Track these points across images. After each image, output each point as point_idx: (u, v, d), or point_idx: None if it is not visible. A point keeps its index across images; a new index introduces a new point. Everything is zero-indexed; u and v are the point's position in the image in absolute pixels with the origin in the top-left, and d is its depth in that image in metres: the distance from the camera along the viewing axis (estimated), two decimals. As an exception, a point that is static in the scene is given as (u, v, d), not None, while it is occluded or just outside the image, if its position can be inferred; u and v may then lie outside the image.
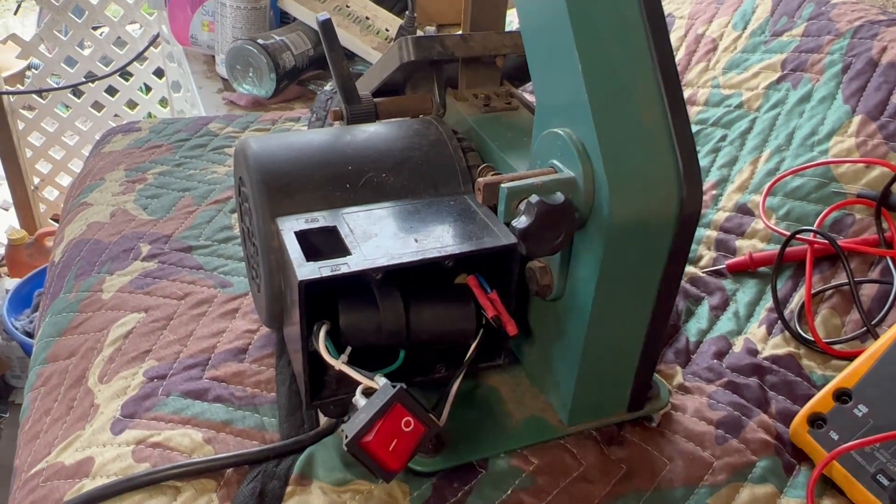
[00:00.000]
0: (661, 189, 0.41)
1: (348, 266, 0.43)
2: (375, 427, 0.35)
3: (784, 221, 0.69)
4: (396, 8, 1.27)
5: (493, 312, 0.45)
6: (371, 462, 0.36)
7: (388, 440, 0.36)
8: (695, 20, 0.94)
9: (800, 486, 0.48)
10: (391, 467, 0.36)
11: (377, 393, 0.37)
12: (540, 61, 0.45)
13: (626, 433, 0.51)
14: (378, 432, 0.35)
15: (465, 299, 0.47)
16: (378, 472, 0.36)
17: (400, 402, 0.36)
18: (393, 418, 0.36)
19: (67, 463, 0.50)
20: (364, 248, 0.44)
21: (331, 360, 0.43)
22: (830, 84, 0.77)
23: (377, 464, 0.36)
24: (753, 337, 0.60)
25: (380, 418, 0.35)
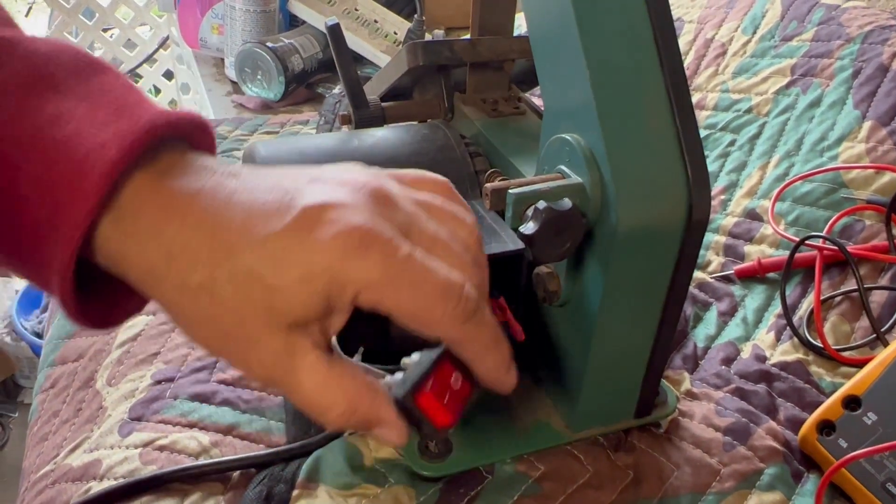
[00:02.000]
0: (669, 194, 0.41)
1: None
2: (428, 382, 0.35)
3: (793, 227, 0.69)
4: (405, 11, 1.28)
5: (500, 318, 0.45)
6: (424, 418, 0.35)
7: (440, 395, 0.35)
8: (704, 24, 0.94)
9: (808, 494, 0.48)
10: (445, 422, 0.35)
11: (423, 354, 0.37)
12: (548, 66, 0.45)
13: (633, 439, 0.51)
14: (432, 386, 0.35)
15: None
16: (429, 428, 0.35)
17: (449, 358, 0.35)
18: (443, 374, 0.35)
19: (75, 465, 0.50)
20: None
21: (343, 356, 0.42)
22: (840, 89, 0.76)
23: (429, 419, 0.35)
24: (762, 343, 0.60)
25: (431, 374, 0.35)
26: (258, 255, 0.28)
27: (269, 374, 0.30)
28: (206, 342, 0.30)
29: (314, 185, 0.30)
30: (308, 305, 0.29)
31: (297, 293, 0.28)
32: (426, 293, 0.30)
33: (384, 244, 0.29)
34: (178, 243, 0.29)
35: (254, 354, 0.29)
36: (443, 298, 0.30)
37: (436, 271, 0.30)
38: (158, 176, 0.29)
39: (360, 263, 0.28)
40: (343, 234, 0.28)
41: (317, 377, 0.30)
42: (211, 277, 0.29)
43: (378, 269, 0.29)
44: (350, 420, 0.31)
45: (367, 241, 0.29)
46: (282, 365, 0.30)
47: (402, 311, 0.30)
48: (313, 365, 0.30)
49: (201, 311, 0.29)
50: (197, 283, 0.29)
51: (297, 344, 0.30)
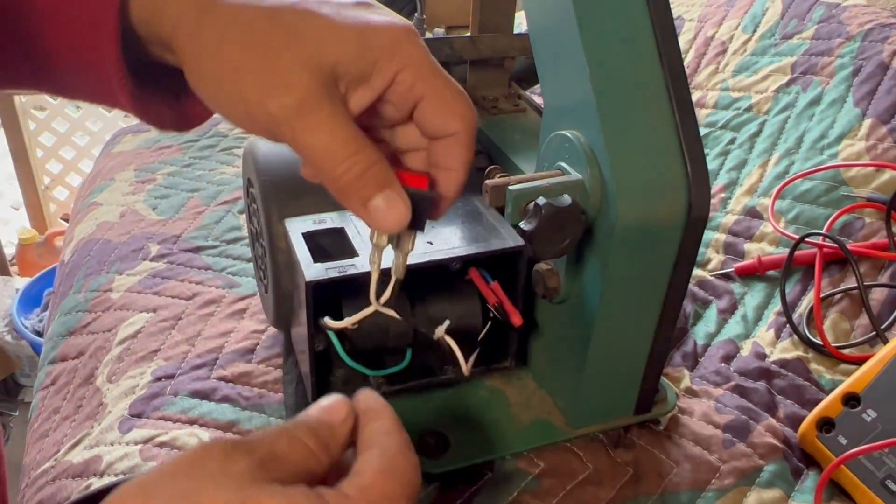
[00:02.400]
0: (668, 192, 0.41)
1: (355, 267, 0.43)
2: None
3: (793, 225, 0.69)
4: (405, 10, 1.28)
5: (494, 300, 0.45)
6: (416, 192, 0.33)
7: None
8: (704, 23, 0.94)
9: (808, 491, 0.48)
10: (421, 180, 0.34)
11: None
12: (548, 64, 0.45)
13: (632, 436, 0.51)
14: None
15: (470, 295, 0.47)
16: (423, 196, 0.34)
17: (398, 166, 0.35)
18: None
19: (75, 461, 0.50)
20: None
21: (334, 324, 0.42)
22: (840, 87, 0.76)
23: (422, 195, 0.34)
24: (762, 341, 0.60)
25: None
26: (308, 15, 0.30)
27: (291, 121, 0.30)
28: (226, 95, 0.31)
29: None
30: (354, 61, 0.31)
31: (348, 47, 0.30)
32: (457, 90, 0.33)
33: (426, 47, 0.32)
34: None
35: (277, 100, 0.30)
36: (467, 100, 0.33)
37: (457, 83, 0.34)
38: None
39: (410, 47, 0.32)
40: (400, 24, 0.32)
41: (343, 129, 0.31)
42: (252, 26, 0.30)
43: (423, 57, 0.32)
44: (355, 170, 0.31)
45: (416, 39, 0.32)
46: (307, 113, 0.30)
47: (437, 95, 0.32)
48: (342, 120, 0.31)
49: (232, 57, 0.30)
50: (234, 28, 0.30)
51: (330, 100, 0.31)
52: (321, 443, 0.30)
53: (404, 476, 0.29)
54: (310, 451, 0.29)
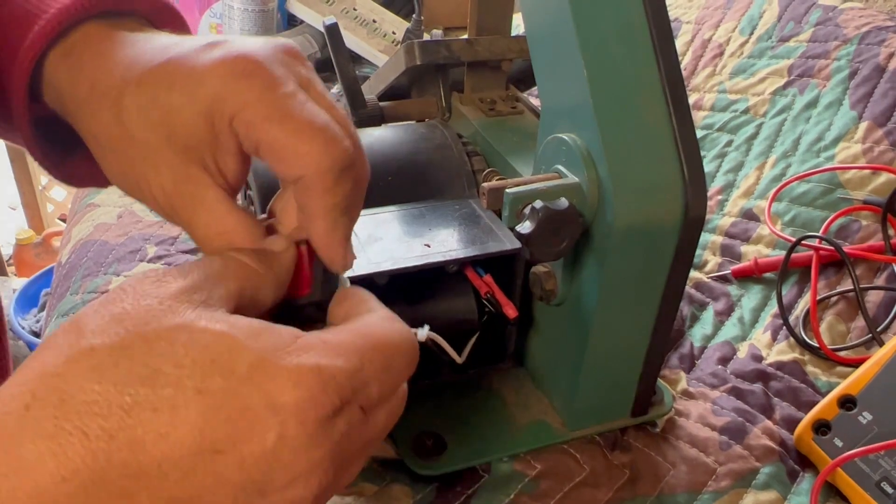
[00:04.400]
0: (665, 194, 0.41)
1: (353, 270, 0.43)
2: None
3: (790, 227, 0.69)
4: (403, 11, 1.28)
5: (486, 290, 0.45)
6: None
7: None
8: (701, 25, 0.94)
9: (804, 493, 0.48)
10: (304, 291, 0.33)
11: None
12: (545, 66, 0.45)
13: (629, 438, 0.51)
14: None
15: (464, 290, 0.47)
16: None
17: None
18: None
19: (72, 463, 0.50)
20: (369, 252, 0.44)
21: None
22: (837, 90, 0.77)
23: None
24: (758, 343, 0.60)
25: None
26: (158, 78, 0.29)
27: (171, 202, 0.30)
28: (118, 176, 0.32)
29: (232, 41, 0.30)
30: (194, 125, 0.29)
31: (185, 112, 0.29)
32: (298, 128, 0.28)
33: (269, 76, 0.28)
34: (99, 75, 0.31)
35: (156, 180, 0.30)
36: (314, 138, 0.28)
37: (317, 114, 0.29)
38: (109, 27, 0.32)
39: (239, 86, 0.28)
40: (230, 58, 0.29)
41: (215, 208, 0.30)
42: (119, 104, 0.30)
43: (255, 94, 0.28)
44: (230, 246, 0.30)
45: (252, 69, 0.28)
46: (181, 192, 0.30)
47: (270, 142, 0.28)
48: (213, 197, 0.30)
49: (113, 140, 0.31)
50: (109, 109, 0.30)
51: (197, 175, 0.30)
52: (262, 262, 0.29)
53: (384, 338, 0.27)
54: (250, 268, 0.28)
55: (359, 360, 0.26)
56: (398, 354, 0.27)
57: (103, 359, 0.23)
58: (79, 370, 0.23)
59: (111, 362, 0.23)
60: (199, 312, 0.25)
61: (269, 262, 0.29)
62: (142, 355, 0.23)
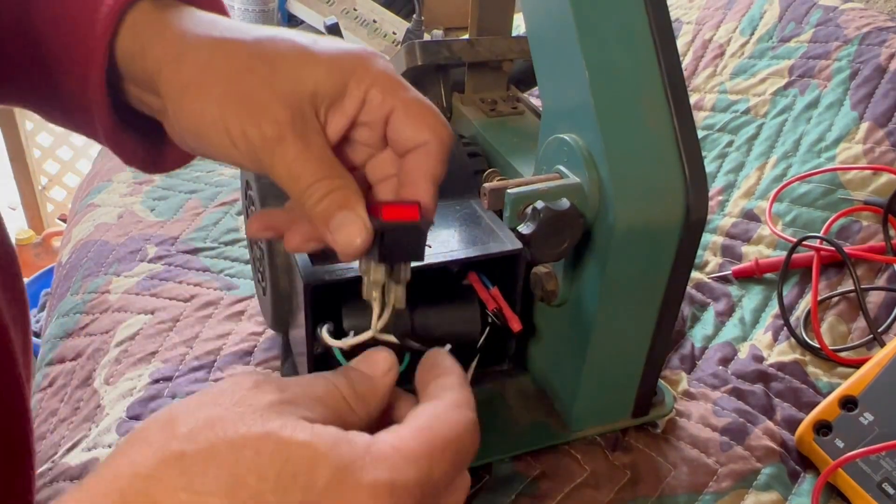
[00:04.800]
0: (666, 195, 0.41)
1: (354, 269, 0.43)
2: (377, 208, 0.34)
3: (790, 228, 0.69)
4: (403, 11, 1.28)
5: (493, 305, 0.45)
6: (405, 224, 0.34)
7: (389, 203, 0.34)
8: (702, 25, 0.94)
9: (805, 494, 0.48)
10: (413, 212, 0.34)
11: None
12: (546, 66, 0.45)
13: (630, 439, 0.51)
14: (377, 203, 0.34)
15: (469, 301, 0.47)
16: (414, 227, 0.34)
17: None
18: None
19: (73, 464, 0.50)
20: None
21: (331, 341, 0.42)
22: (838, 90, 0.77)
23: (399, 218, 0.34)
24: (759, 343, 0.60)
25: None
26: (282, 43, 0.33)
27: (269, 146, 0.31)
28: (199, 125, 0.32)
29: None
30: (331, 84, 0.32)
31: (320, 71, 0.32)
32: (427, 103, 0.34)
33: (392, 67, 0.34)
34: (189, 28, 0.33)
35: (257, 123, 0.31)
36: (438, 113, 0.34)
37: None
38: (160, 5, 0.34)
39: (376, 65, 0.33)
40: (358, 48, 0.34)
41: (322, 153, 0.32)
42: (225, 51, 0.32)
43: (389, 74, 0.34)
44: (319, 192, 0.32)
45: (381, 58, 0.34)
46: (285, 137, 0.31)
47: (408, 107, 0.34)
48: (321, 143, 0.32)
49: (206, 85, 0.31)
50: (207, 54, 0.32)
51: (312, 121, 0.32)
52: (357, 394, 0.29)
53: (451, 436, 0.28)
54: (342, 398, 0.29)
55: (428, 465, 0.27)
56: (463, 449, 0.28)
57: (192, 465, 0.24)
58: (169, 474, 0.24)
59: (200, 470, 0.24)
60: (286, 421, 0.26)
61: (364, 395, 0.30)
62: (229, 465, 0.24)
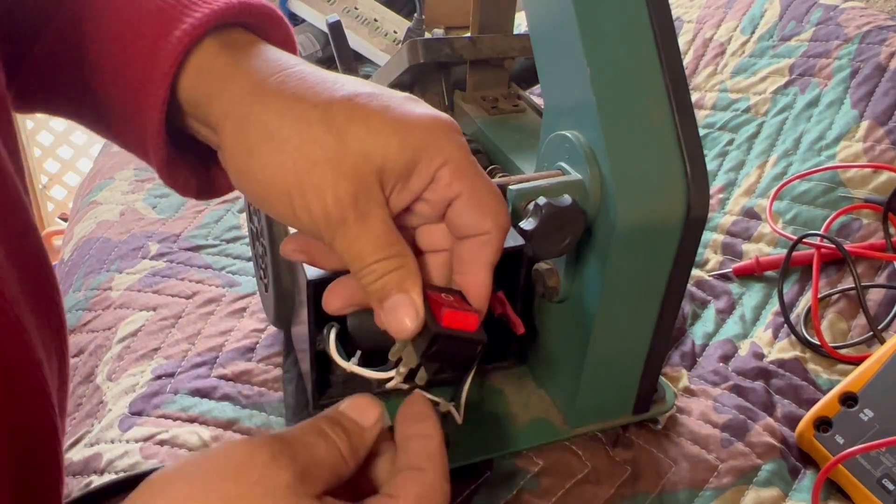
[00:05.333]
0: (668, 192, 0.41)
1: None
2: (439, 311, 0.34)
3: (791, 225, 0.69)
4: (405, 10, 1.28)
5: (499, 310, 0.45)
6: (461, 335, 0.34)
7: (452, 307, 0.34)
8: (703, 24, 0.95)
9: (805, 490, 0.48)
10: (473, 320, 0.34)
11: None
12: (548, 64, 0.45)
13: (631, 435, 0.51)
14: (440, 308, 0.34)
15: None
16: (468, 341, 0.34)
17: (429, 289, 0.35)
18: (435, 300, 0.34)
19: (76, 459, 0.50)
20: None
21: (342, 363, 0.43)
22: (838, 89, 0.77)
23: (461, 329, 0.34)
24: (759, 341, 0.60)
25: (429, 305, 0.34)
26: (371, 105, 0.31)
27: (330, 223, 0.31)
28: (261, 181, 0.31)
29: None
30: (397, 157, 0.31)
31: (393, 144, 0.31)
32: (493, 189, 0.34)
33: (465, 142, 0.33)
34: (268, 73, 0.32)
35: (322, 192, 0.30)
36: (502, 201, 0.34)
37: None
38: (228, 43, 0.33)
39: (451, 141, 0.32)
40: (436, 115, 0.33)
41: (384, 223, 0.32)
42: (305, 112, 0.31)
43: (462, 153, 0.32)
44: (380, 270, 0.32)
45: (456, 131, 0.33)
46: (348, 216, 0.31)
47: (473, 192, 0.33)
48: (383, 215, 0.32)
49: (274, 156, 0.31)
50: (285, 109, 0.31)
51: (377, 194, 0.31)
52: (352, 447, 0.31)
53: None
54: (342, 456, 0.30)
55: None
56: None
57: None
58: None
59: None
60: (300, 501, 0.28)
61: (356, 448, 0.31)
62: None
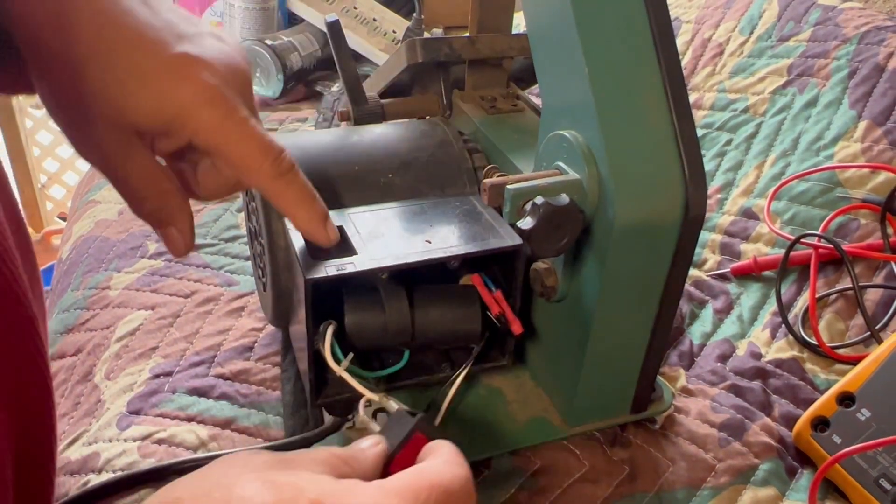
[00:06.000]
0: (666, 192, 0.41)
1: (354, 266, 0.43)
2: (396, 458, 0.35)
3: (789, 226, 0.69)
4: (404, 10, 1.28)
5: (497, 310, 0.45)
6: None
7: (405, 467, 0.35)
8: (701, 24, 0.95)
9: (802, 490, 0.48)
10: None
11: (394, 421, 0.37)
12: (546, 64, 0.45)
13: (629, 434, 0.51)
14: (397, 462, 0.35)
15: (470, 300, 0.47)
16: None
17: (420, 430, 0.36)
18: (412, 446, 0.36)
19: (73, 458, 0.50)
20: (370, 248, 0.44)
21: (333, 365, 0.43)
22: (836, 89, 0.77)
23: None
24: (757, 340, 0.60)
25: (401, 449, 0.35)
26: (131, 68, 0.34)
27: (106, 155, 0.36)
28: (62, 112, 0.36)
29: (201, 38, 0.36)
30: (152, 123, 0.35)
31: (147, 111, 0.35)
32: (251, 146, 0.36)
33: (229, 104, 0.36)
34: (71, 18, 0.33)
35: (96, 136, 0.35)
36: (263, 153, 0.37)
37: (263, 135, 0.37)
38: None
39: (206, 112, 0.35)
40: (200, 85, 0.35)
41: (143, 165, 0.37)
42: (88, 60, 0.34)
43: (218, 120, 0.35)
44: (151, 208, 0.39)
45: (217, 99, 0.35)
46: (118, 152, 0.36)
47: (229, 155, 0.36)
48: (143, 158, 0.37)
49: (68, 84, 0.34)
50: (78, 56, 0.34)
51: (134, 142, 0.36)
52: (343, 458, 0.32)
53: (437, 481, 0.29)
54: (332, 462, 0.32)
55: (413, 499, 0.28)
56: (452, 495, 0.30)
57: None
58: None
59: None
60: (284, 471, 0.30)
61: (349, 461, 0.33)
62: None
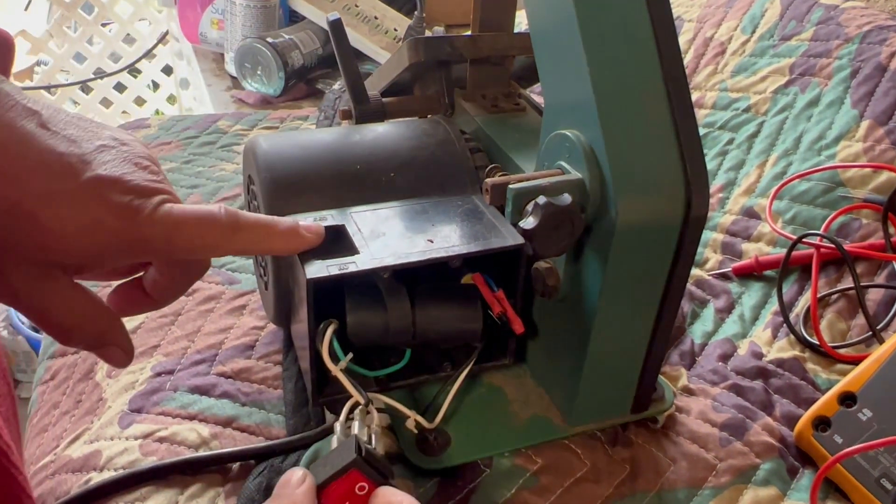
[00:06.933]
0: (667, 191, 0.41)
1: (356, 265, 0.43)
2: (331, 485, 0.36)
3: (790, 225, 0.69)
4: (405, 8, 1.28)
5: (499, 309, 0.45)
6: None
7: (341, 500, 0.36)
8: (703, 23, 0.95)
9: (803, 489, 0.48)
10: None
11: (338, 449, 0.38)
12: (548, 63, 0.45)
13: (630, 434, 0.51)
14: (330, 493, 0.36)
15: (471, 299, 0.47)
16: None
17: (357, 468, 0.36)
18: (349, 480, 0.36)
19: (75, 456, 0.50)
20: (372, 247, 0.44)
21: (329, 365, 0.43)
22: (838, 89, 0.77)
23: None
24: (758, 340, 0.60)
25: (336, 479, 0.36)
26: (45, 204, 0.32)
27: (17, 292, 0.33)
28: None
29: (104, 153, 0.34)
30: (83, 257, 0.33)
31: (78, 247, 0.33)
32: (200, 227, 0.35)
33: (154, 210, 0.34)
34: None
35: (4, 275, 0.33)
36: (211, 226, 0.36)
37: (196, 210, 0.36)
38: None
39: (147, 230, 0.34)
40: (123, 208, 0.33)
41: (67, 296, 0.35)
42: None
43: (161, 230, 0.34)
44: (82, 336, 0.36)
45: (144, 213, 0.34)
46: (34, 287, 0.33)
47: (186, 251, 0.36)
48: (65, 289, 0.35)
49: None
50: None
51: (53, 274, 0.34)
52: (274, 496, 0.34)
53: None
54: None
55: None
56: None
57: None
58: None
59: None
60: None
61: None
62: None
